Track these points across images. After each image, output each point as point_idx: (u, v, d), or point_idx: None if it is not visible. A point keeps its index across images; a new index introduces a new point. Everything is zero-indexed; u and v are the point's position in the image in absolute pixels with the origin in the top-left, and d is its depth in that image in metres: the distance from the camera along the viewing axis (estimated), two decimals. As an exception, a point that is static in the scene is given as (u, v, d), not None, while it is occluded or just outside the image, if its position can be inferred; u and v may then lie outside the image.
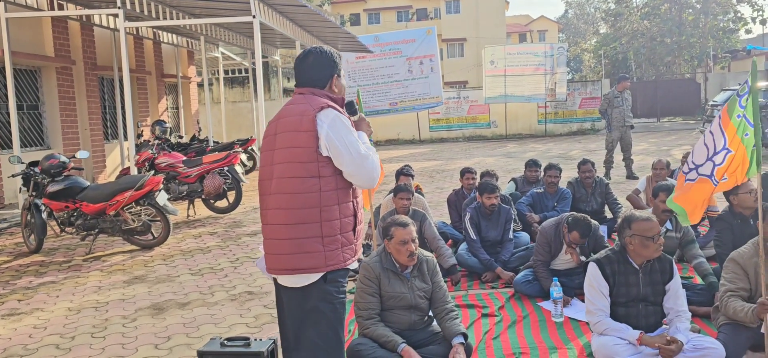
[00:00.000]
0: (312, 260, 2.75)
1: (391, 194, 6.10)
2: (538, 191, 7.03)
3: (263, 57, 16.63)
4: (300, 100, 2.86)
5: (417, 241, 3.88)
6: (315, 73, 2.91)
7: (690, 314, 3.79)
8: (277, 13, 10.80)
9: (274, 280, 2.97)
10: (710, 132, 3.84)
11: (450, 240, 6.64)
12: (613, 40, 37.67)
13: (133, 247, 7.61)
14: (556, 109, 22.53)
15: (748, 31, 36.81)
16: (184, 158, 9.91)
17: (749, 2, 34.12)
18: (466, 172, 7.19)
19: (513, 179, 8.01)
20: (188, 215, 9.68)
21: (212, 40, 14.96)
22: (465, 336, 3.77)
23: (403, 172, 7.06)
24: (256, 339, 3.57)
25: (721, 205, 5.67)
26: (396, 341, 3.65)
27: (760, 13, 33.64)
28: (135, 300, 5.58)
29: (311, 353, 2.85)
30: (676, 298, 3.72)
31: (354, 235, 2.87)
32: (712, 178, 3.76)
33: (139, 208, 7.49)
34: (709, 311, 4.30)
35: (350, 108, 3.10)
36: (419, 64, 19.50)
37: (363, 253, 6.12)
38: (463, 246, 5.99)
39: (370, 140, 3.20)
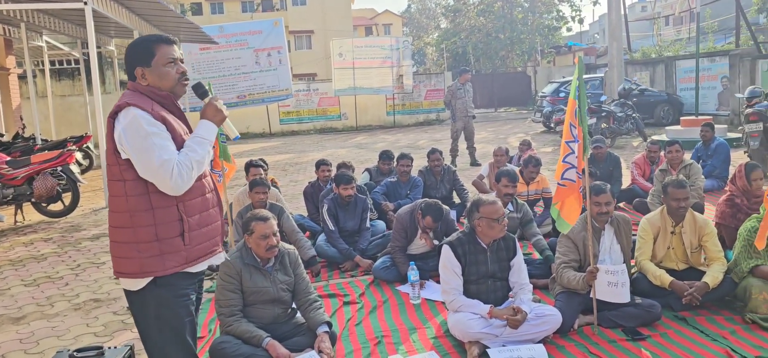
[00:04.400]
0: (129, 265, 2.62)
1: (245, 189, 5.99)
2: (392, 180, 7.28)
3: (96, 47, 15.38)
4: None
5: (278, 235, 3.86)
6: (126, 66, 2.72)
7: (531, 286, 4.17)
8: (112, 0, 10.09)
9: None
10: (564, 141, 4.21)
11: (308, 232, 6.66)
12: (453, 34, 39.69)
13: (-50, 260, 6.75)
14: (404, 100, 23.32)
15: (568, 30, 40.62)
16: (8, 158, 8.93)
17: (569, 2, 37.72)
18: (321, 164, 7.24)
19: (367, 170, 8.21)
20: (16, 221, 8.76)
21: (35, 28, 13.57)
22: (329, 324, 3.84)
23: (253, 165, 6.93)
24: (109, 347, 3.34)
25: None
26: (260, 336, 3.61)
27: (578, 13, 37.31)
28: (-43, 319, 4.96)
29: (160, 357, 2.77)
30: (519, 272, 4.07)
31: (184, 241, 2.66)
32: (575, 170, 4.10)
33: (-45, 216, 6.65)
34: (548, 282, 4.75)
35: (198, 90, 2.89)
36: (267, 56, 19.23)
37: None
38: (321, 237, 6.04)
39: (230, 128, 3.00)
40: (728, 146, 8.66)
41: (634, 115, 14.23)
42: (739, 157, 9.56)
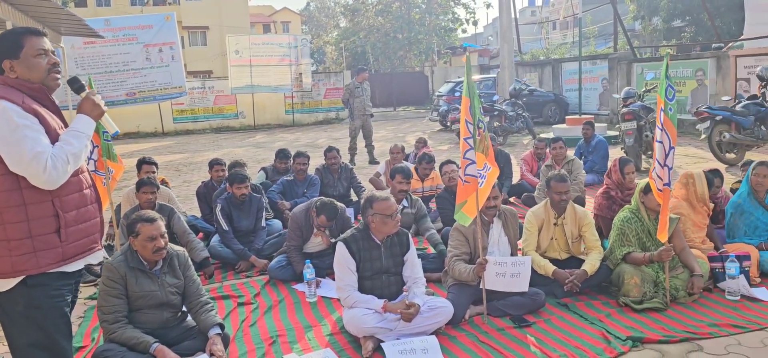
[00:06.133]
0: None
1: (133, 189, 5.73)
2: (288, 178, 7.20)
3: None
4: None
5: (166, 236, 3.71)
6: None
7: (425, 280, 4.27)
8: (-18, -13, 9.29)
9: None
10: (463, 138, 4.30)
11: (201, 233, 6.47)
12: (352, 33, 39.90)
13: None
14: (303, 99, 23.15)
15: (464, 31, 42.01)
16: None
17: (463, 5, 39.00)
18: (215, 164, 7.04)
19: (263, 169, 8.08)
20: None
21: None
22: (222, 326, 3.74)
23: (146, 162, 6.64)
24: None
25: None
26: (148, 342, 3.46)
27: (473, 15, 38.72)
28: None
29: None
30: (413, 267, 4.15)
31: (60, 237, 2.60)
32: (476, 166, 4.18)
33: None
34: (441, 276, 4.88)
35: (74, 85, 2.81)
36: (158, 51, 18.49)
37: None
38: (215, 238, 5.88)
39: (109, 123, 2.92)
40: (607, 143, 9.29)
41: (524, 114, 14.92)
42: (617, 154, 10.24)
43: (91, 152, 5.07)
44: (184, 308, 3.87)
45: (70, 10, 13.58)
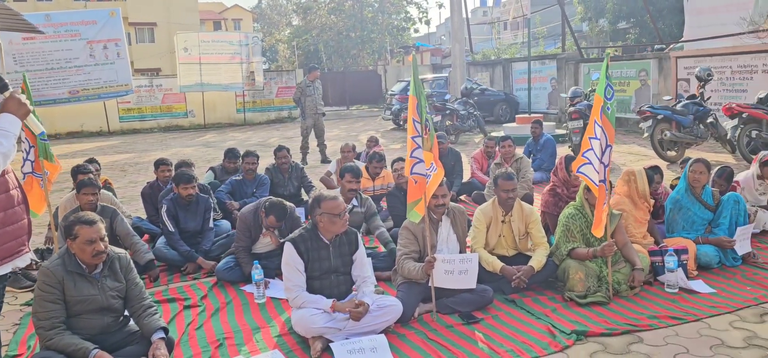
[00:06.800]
0: None
1: (73, 194, 5.53)
2: (237, 178, 7.09)
3: None
4: None
5: (106, 239, 3.59)
6: None
7: (374, 278, 4.26)
8: None
9: None
10: (410, 137, 4.29)
11: (146, 235, 6.30)
12: (304, 32, 39.57)
13: None
14: (254, 98, 22.83)
15: (416, 31, 42.26)
16: None
17: (415, 4, 39.22)
18: (161, 164, 6.85)
19: (211, 168, 7.93)
20: None
21: None
22: (166, 330, 3.64)
23: (81, 171, 6.39)
24: None
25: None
26: (86, 348, 3.34)
27: (425, 14, 38.98)
28: None
29: None
30: (362, 266, 4.14)
31: None
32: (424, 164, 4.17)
33: None
34: (391, 275, 4.88)
35: None
36: (103, 48, 17.97)
37: (42, 257, 5.46)
38: (161, 240, 5.73)
39: (35, 123, 2.82)
40: (554, 142, 9.49)
41: (475, 113, 15.11)
42: (565, 152, 10.47)
43: (28, 153, 4.87)
44: (126, 313, 3.76)
45: (7, 5, 13.01)
